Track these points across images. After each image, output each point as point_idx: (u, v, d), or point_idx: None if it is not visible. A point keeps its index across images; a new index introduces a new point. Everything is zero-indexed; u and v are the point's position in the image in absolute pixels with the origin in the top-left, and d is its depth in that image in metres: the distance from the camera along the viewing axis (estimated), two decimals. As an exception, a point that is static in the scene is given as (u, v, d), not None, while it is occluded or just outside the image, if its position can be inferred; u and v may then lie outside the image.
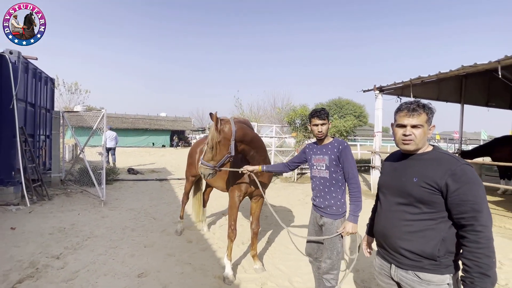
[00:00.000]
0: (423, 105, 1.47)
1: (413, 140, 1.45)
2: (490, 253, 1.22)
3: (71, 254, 3.50)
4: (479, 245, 1.23)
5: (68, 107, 29.15)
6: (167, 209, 5.70)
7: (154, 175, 10.21)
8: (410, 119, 1.45)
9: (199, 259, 3.49)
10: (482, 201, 1.27)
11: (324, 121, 2.30)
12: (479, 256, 1.22)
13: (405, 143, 1.48)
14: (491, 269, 1.21)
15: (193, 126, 36.65)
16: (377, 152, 7.89)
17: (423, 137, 1.45)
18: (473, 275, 1.23)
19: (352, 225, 2.17)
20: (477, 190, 1.28)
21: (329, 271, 2.29)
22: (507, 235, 4.53)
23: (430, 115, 1.46)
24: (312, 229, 2.51)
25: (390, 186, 1.60)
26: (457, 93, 9.27)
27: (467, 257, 1.26)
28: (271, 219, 5.15)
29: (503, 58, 4.87)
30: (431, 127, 1.49)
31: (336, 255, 2.27)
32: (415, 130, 1.45)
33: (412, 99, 1.57)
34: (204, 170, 2.63)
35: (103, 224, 4.64)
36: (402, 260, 1.48)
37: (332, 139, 2.39)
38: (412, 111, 1.45)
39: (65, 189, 6.93)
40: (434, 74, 6.19)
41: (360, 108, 40.30)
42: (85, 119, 6.92)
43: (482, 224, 1.24)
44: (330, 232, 2.28)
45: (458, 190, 1.29)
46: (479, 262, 1.22)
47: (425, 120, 1.44)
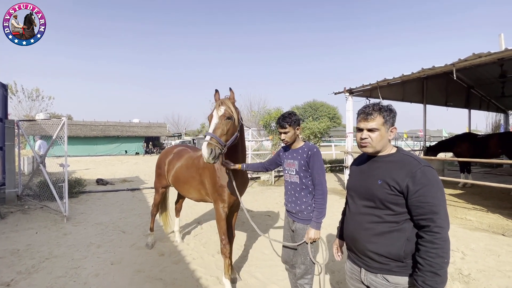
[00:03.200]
0: (379, 108, 1.48)
1: (369, 143, 1.48)
2: (444, 253, 1.24)
3: (24, 279, 3.14)
4: (434, 245, 1.25)
5: (29, 115, 26.95)
6: (139, 221, 5.39)
7: (125, 185, 9.67)
8: (366, 123, 1.48)
9: (171, 273, 3.30)
10: (439, 203, 1.29)
11: (286, 129, 2.25)
12: (432, 256, 1.24)
13: (362, 145, 1.51)
14: (442, 268, 1.24)
15: (169, 132, 35.61)
16: (349, 153, 8.14)
17: (380, 140, 1.47)
18: (425, 273, 1.25)
19: (315, 231, 2.15)
20: (436, 192, 1.30)
21: (304, 275, 2.28)
22: (468, 226, 4.84)
23: (388, 117, 1.48)
24: (287, 234, 2.47)
25: (356, 189, 1.60)
26: (420, 94, 9.91)
27: (421, 256, 1.28)
28: (247, 225, 5.06)
29: (457, 61, 5.26)
30: (392, 128, 1.50)
31: (309, 260, 2.26)
32: (371, 133, 1.47)
33: (378, 100, 1.59)
34: (215, 147, 2.21)
35: (64, 242, 4.25)
36: (370, 263, 1.47)
37: (303, 143, 2.36)
38: (367, 115, 1.47)
39: (22, 206, 6.30)
40: (399, 76, 6.53)
41: (334, 109, 41.76)
42: (45, 128, 6.37)
43: (439, 226, 1.26)
44: (301, 237, 2.26)
45: (418, 192, 1.31)
46: (431, 262, 1.24)
47: (381, 123, 1.46)
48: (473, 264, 3.40)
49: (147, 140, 31.26)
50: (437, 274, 1.23)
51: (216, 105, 2.42)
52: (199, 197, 3.37)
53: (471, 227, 4.78)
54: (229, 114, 2.36)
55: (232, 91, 2.53)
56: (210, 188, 3.00)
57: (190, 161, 3.47)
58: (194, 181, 3.29)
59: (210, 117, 2.41)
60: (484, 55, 4.87)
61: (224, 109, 2.36)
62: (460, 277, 3.11)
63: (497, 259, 3.52)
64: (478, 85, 10.80)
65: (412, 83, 8.91)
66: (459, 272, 3.22)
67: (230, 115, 2.36)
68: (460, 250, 3.82)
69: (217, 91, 2.54)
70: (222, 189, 2.84)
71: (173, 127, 45.56)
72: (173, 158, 3.85)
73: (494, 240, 4.15)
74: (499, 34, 6.66)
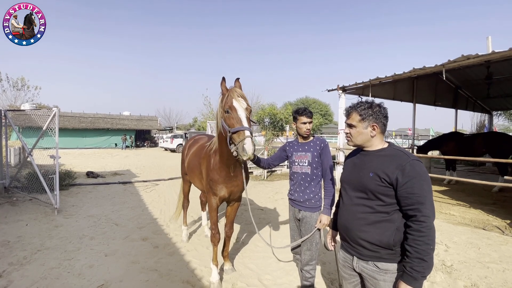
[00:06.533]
0: (357, 107, 1.61)
1: (350, 137, 1.66)
2: (429, 241, 1.34)
3: (16, 270, 3.12)
4: (420, 234, 1.35)
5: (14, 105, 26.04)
6: (131, 214, 5.38)
7: (117, 178, 9.57)
8: (347, 119, 1.66)
9: (166, 265, 3.35)
10: (426, 194, 1.39)
11: (311, 119, 2.45)
12: (419, 243, 1.34)
13: (346, 139, 1.70)
14: (428, 255, 1.33)
15: (160, 125, 35.12)
16: (341, 149, 8.30)
17: (358, 135, 1.61)
18: (413, 260, 1.35)
19: (327, 217, 2.32)
20: (422, 184, 1.40)
21: (309, 262, 2.41)
22: (452, 221, 5.08)
23: (366, 114, 1.56)
24: (293, 224, 2.57)
25: (350, 181, 1.69)
26: (410, 93, 10.14)
27: (409, 244, 1.38)
28: (241, 219, 5.14)
29: (447, 62, 5.43)
30: (372, 124, 1.55)
31: (315, 246, 2.39)
32: (350, 129, 1.64)
33: (371, 98, 1.67)
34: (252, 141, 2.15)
35: (56, 234, 4.22)
36: (362, 251, 1.56)
37: (312, 137, 2.53)
38: (347, 112, 1.67)
39: (10, 198, 6.17)
40: (390, 75, 6.68)
41: (326, 107, 42.19)
42: (34, 119, 6.22)
43: (425, 215, 1.36)
44: (309, 224, 2.39)
45: (406, 184, 1.40)
46: (418, 249, 1.34)
47: (357, 120, 1.59)
48: (456, 256, 3.60)
49: (137, 134, 30.74)
50: (423, 260, 1.33)
51: (236, 96, 2.31)
52: (202, 187, 3.38)
53: (454, 222, 5.01)
54: (250, 108, 2.37)
55: (239, 82, 2.49)
56: (204, 179, 3.05)
57: (199, 149, 3.44)
58: (197, 170, 3.30)
59: (230, 107, 2.28)
60: (473, 57, 5.05)
61: (246, 103, 2.34)
62: (443, 268, 3.29)
63: (478, 251, 3.73)
64: (466, 86, 11.14)
65: (403, 82, 9.12)
66: (442, 263, 3.40)
67: (250, 109, 2.36)
68: (443, 243, 4.01)
69: (224, 79, 2.45)
70: (212, 183, 2.85)
71: (165, 120, 45.03)
72: (191, 144, 3.83)
73: (475, 234, 4.38)
74: (487, 37, 6.90)
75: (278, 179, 9.77)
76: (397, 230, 1.47)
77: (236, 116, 2.25)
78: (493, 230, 4.52)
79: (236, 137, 2.19)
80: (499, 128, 20.62)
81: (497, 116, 17.83)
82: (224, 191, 2.84)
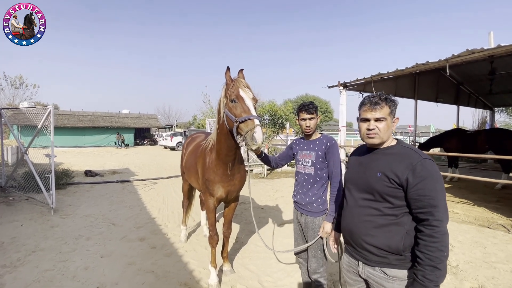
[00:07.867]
0: (385, 98, 1.44)
1: (377, 133, 1.44)
2: (443, 247, 1.23)
3: (9, 273, 3.03)
4: (433, 239, 1.24)
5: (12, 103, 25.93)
6: (129, 213, 5.29)
7: (115, 177, 9.47)
8: (373, 112, 1.43)
9: (163, 266, 3.25)
10: (439, 196, 1.27)
11: (312, 115, 2.21)
12: (432, 249, 1.23)
13: (370, 136, 1.46)
14: (442, 262, 1.23)
15: (159, 123, 34.97)
16: (342, 146, 8.19)
17: (387, 130, 1.44)
18: (425, 267, 1.24)
19: (330, 226, 2.12)
20: (435, 184, 1.28)
21: (316, 270, 2.26)
22: (455, 219, 4.98)
23: (393, 107, 1.45)
24: (297, 227, 2.42)
25: (355, 181, 1.58)
26: (412, 89, 10.01)
27: (421, 250, 1.27)
28: (240, 218, 5.05)
29: (451, 56, 5.29)
30: (394, 119, 1.48)
31: (320, 252, 2.24)
32: (378, 123, 1.43)
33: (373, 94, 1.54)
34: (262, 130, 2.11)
35: (51, 235, 4.13)
36: (369, 256, 1.46)
37: (320, 135, 2.33)
38: (374, 104, 1.43)
39: (6, 197, 6.07)
40: (392, 71, 6.54)
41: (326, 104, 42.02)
42: (30, 117, 6.10)
43: (438, 219, 1.25)
44: (312, 230, 2.24)
45: (417, 185, 1.29)
46: (431, 256, 1.23)
47: (388, 113, 1.43)
48: (461, 256, 3.50)
49: (136, 132, 30.61)
50: (436, 268, 1.22)
51: (242, 86, 2.24)
52: (199, 187, 3.27)
53: (458, 220, 4.92)
54: (256, 99, 2.27)
55: (242, 73, 2.39)
56: (200, 179, 2.93)
57: (195, 147, 3.34)
58: (193, 169, 3.17)
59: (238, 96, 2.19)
60: (477, 51, 4.92)
61: (252, 93, 2.26)
62: (449, 268, 3.20)
63: (483, 251, 3.63)
64: (468, 82, 11.00)
65: (404, 78, 8.97)
66: (447, 263, 3.30)
67: (257, 100, 2.28)
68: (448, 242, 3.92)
69: (228, 68, 2.35)
70: (209, 183, 2.74)
71: (164, 118, 44.82)
72: (189, 142, 3.72)
73: (480, 232, 4.28)
74: (489, 32, 6.76)
75: (279, 177, 9.67)
76: (406, 234, 1.36)
77: (243, 105, 2.16)
78: (498, 229, 4.42)
79: (244, 127, 2.10)
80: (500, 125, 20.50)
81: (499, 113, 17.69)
82: (221, 191, 2.73)
